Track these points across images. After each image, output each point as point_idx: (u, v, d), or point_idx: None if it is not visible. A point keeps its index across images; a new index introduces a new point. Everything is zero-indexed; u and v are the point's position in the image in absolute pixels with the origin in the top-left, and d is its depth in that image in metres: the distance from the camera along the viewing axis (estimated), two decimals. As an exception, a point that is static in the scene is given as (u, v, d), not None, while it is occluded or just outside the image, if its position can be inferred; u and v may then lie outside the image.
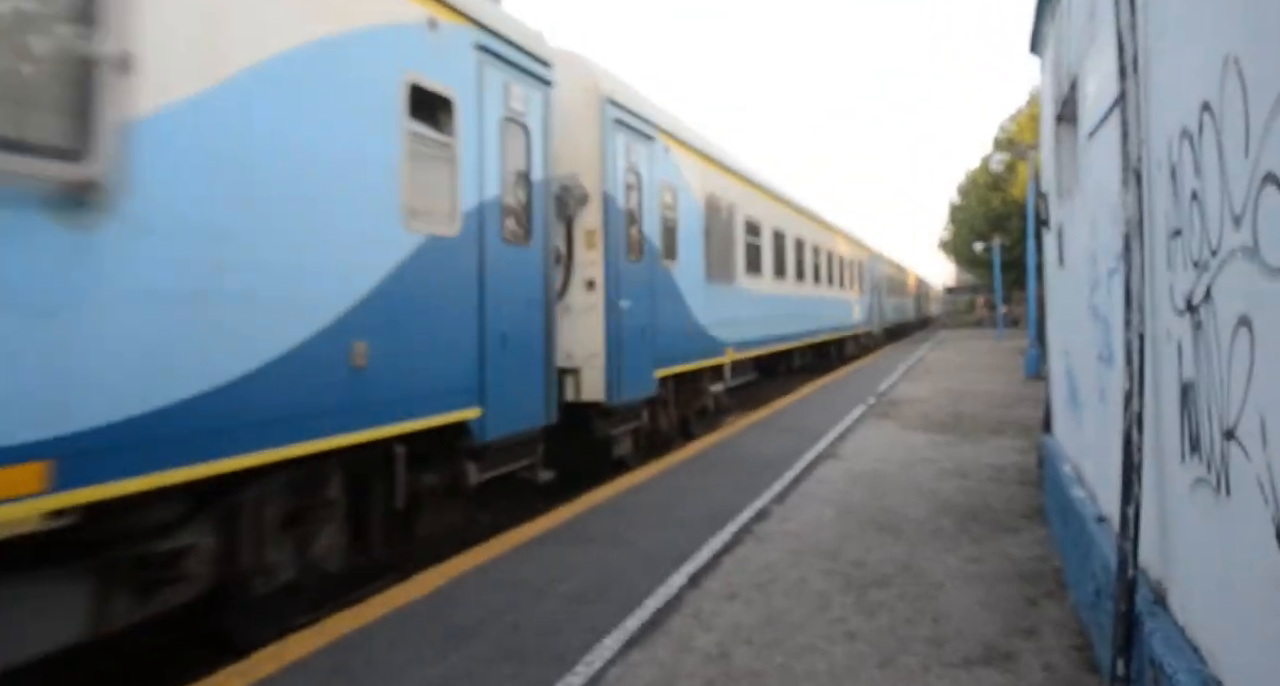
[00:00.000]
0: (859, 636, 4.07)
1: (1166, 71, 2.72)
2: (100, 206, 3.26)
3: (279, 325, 4.15)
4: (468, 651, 3.97)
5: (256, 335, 4.00)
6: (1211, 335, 2.26)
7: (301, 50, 4.31)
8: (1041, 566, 5.07)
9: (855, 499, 6.96)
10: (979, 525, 6.05)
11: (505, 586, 4.89)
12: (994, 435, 10.31)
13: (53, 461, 3.07)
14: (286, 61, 4.21)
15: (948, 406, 13.28)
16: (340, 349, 4.52)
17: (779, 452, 9.23)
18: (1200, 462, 2.39)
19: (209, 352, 3.73)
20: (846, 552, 5.44)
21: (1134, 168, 2.92)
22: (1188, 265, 2.48)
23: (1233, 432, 2.10)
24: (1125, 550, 2.85)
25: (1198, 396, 2.40)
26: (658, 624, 4.29)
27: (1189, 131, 2.43)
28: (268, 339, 4.07)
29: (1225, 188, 2.12)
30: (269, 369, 4.03)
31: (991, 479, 7.67)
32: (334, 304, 4.50)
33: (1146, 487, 2.90)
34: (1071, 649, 3.86)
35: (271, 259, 4.10)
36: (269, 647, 4.08)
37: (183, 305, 3.62)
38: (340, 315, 4.51)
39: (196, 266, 3.70)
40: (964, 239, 47.14)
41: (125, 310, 3.36)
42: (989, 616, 4.29)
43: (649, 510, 6.70)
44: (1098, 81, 3.97)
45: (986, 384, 17.13)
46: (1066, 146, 5.62)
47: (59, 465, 3.09)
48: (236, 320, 3.89)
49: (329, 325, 4.43)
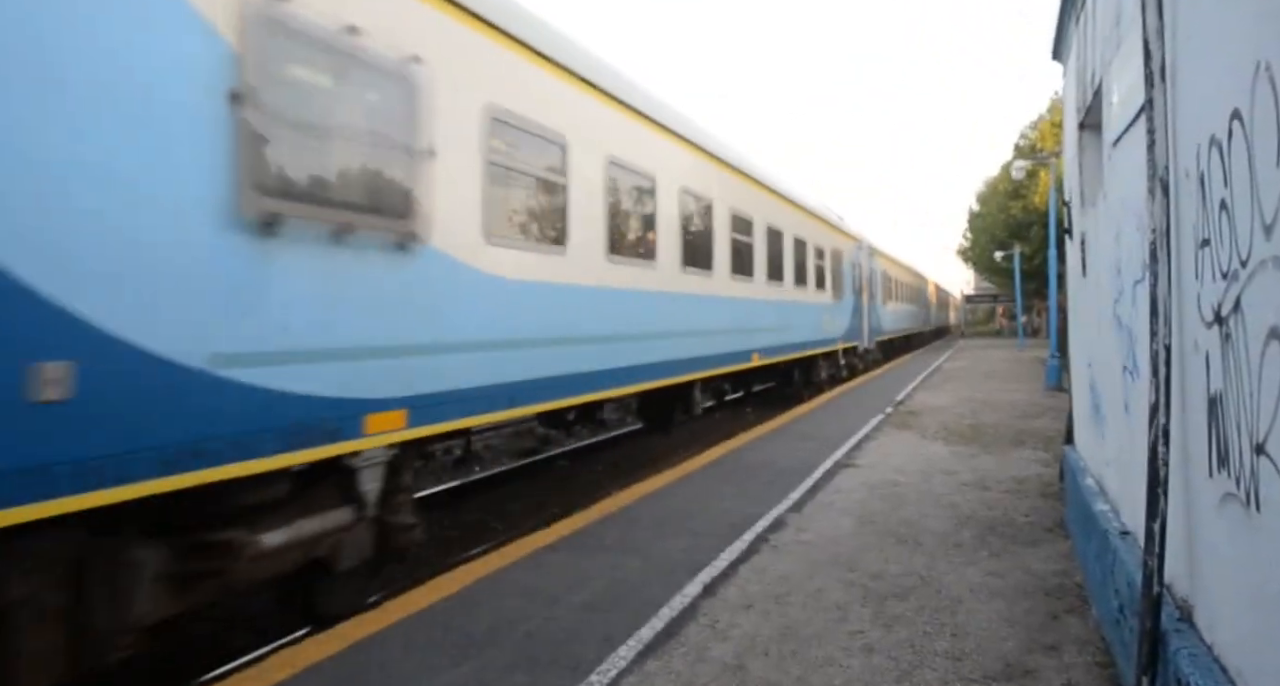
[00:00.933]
0: (877, 649, 4.01)
1: (1195, 78, 2.67)
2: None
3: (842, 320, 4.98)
4: (481, 659, 3.96)
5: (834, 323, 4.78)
6: (1241, 347, 2.21)
7: (852, 256, 6.58)
8: (1063, 581, 4.98)
9: (873, 509, 6.89)
10: (999, 538, 5.96)
11: (519, 593, 4.88)
12: (1015, 446, 10.19)
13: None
14: (854, 262, 6.80)
15: (968, 417, 13.15)
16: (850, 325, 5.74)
17: (795, 461, 9.16)
18: (1229, 477, 2.33)
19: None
20: (864, 564, 5.38)
21: (1161, 176, 2.87)
22: (1216, 276, 2.43)
23: (1263, 447, 2.05)
24: (1150, 566, 2.79)
25: (1226, 409, 2.35)
26: (673, 633, 4.26)
27: (1218, 139, 2.38)
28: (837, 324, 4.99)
29: (1256, 197, 2.08)
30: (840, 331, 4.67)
31: (1012, 491, 7.57)
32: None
33: (1172, 502, 2.84)
34: (1094, 665, 3.79)
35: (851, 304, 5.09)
36: (284, 651, 4.09)
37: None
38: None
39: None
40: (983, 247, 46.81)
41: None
42: (1009, 631, 4.22)
43: (663, 518, 6.67)
44: (1123, 88, 3.92)
45: (1007, 394, 16.96)
46: (1090, 154, 5.55)
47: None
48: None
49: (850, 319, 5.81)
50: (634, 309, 8.16)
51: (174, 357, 3.48)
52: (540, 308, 6.41)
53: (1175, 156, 2.88)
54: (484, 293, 5.70)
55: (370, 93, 4.69)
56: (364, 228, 4.52)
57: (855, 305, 21.06)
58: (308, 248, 4.17)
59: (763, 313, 12.80)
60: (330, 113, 4.37)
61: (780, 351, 13.73)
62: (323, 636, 4.27)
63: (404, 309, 4.87)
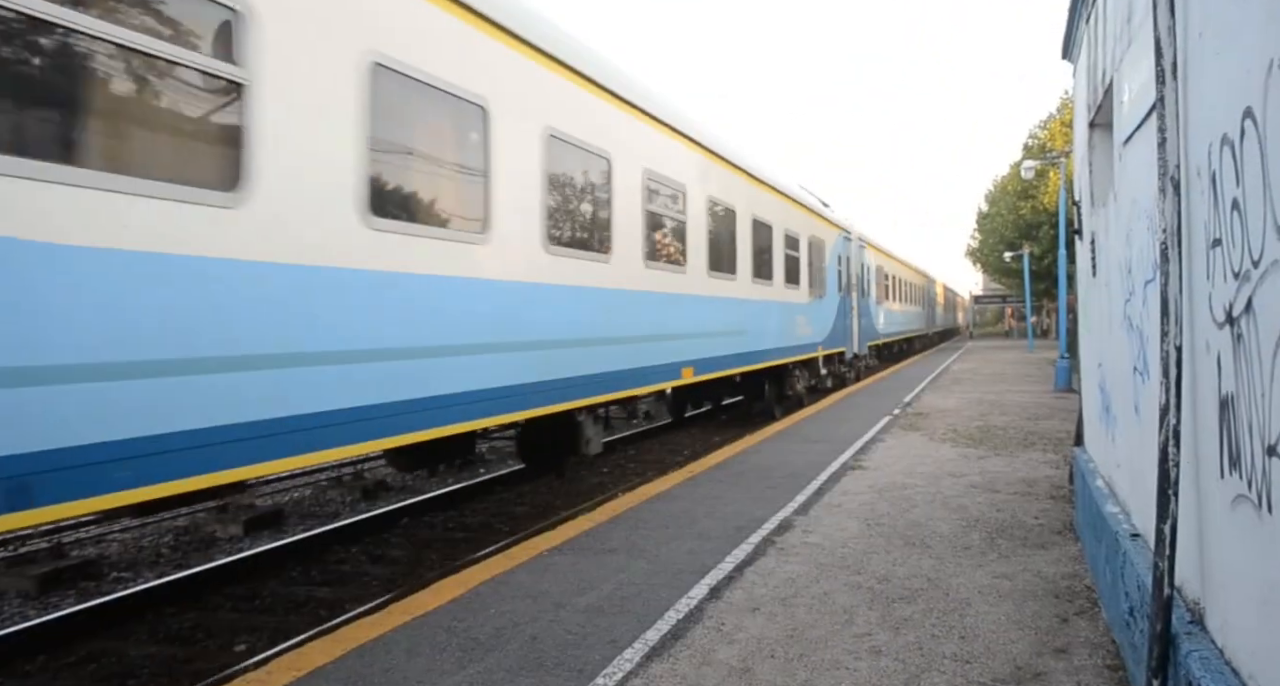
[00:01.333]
0: (885, 652, 3.98)
1: (1207, 76, 2.64)
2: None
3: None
4: (487, 662, 3.94)
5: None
6: (1253, 347, 2.18)
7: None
8: (1073, 583, 4.94)
9: (881, 512, 6.85)
10: (1008, 540, 5.92)
11: (524, 596, 4.86)
12: (1024, 448, 10.12)
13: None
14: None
15: (976, 418, 13.08)
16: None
17: (802, 463, 9.13)
18: (1240, 479, 2.30)
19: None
20: (872, 566, 5.35)
21: (1172, 175, 2.84)
22: (1228, 276, 2.39)
23: (1275, 448, 2.02)
24: (1161, 568, 2.76)
25: (1238, 410, 2.32)
26: (679, 636, 4.24)
27: (1230, 138, 2.35)
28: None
29: (1268, 196, 2.05)
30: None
31: (1021, 493, 7.52)
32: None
33: (1183, 504, 2.81)
34: (1105, 669, 3.75)
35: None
36: (286, 655, 4.08)
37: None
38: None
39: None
40: (992, 247, 46.66)
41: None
42: (1019, 634, 4.19)
43: (669, 520, 6.65)
44: (1134, 87, 3.88)
45: (1016, 395, 16.87)
46: (1100, 153, 5.51)
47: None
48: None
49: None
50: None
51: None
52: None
53: (1186, 155, 2.85)
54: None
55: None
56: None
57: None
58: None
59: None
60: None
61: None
62: (326, 639, 4.26)
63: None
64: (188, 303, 3.80)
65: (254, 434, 4.10)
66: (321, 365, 4.52)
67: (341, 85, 4.70)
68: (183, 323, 3.77)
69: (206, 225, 3.89)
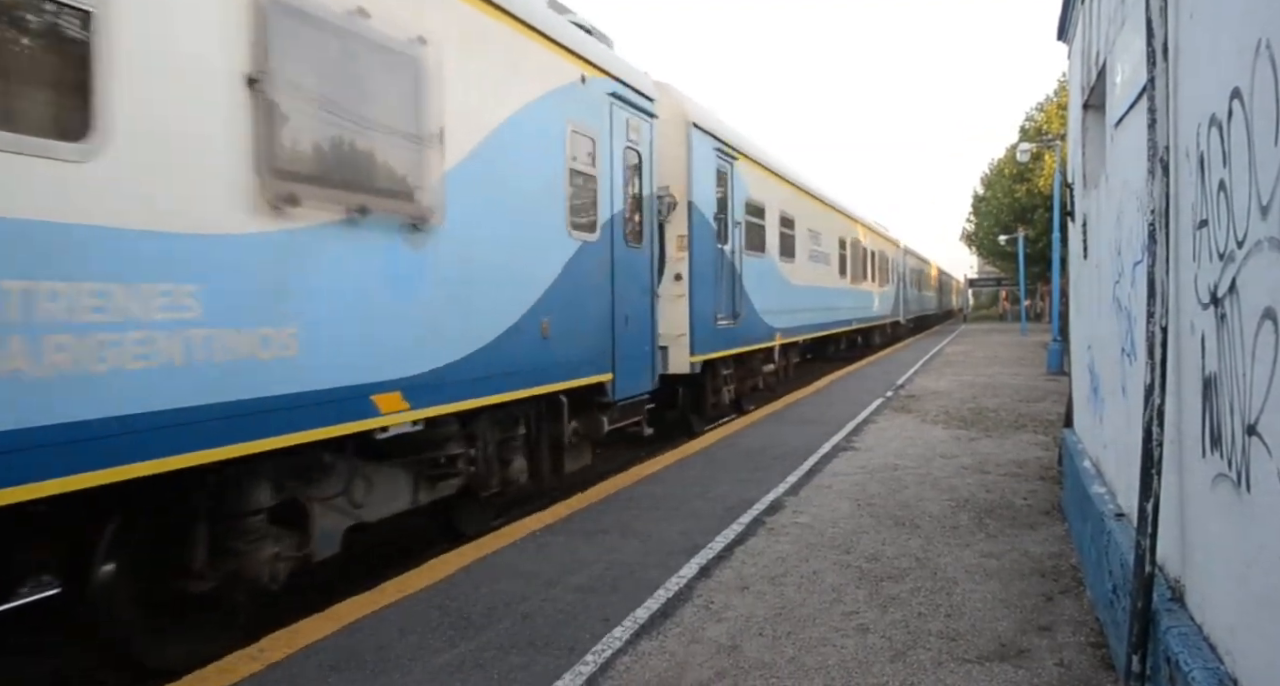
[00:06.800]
0: (872, 630, 4.03)
1: (1196, 57, 2.64)
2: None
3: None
4: (479, 639, 3.98)
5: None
6: (1235, 328, 2.20)
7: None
8: (1059, 562, 5.00)
9: (871, 492, 6.90)
10: (997, 521, 5.98)
11: (517, 575, 4.90)
12: (1015, 430, 10.19)
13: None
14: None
15: (968, 400, 13.14)
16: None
17: (794, 444, 9.17)
18: (1221, 458, 2.33)
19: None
20: (861, 546, 5.40)
21: (1161, 156, 2.85)
22: (1213, 256, 2.41)
23: (1254, 428, 2.04)
24: (1143, 546, 2.79)
25: (1220, 391, 2.34)
26: (669, 614, 4.28)
27: (1218, 119, 2.36)
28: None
29: (1254, 177, 2.06)
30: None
31: (1011, 474, 7.58)
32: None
33: (1166, 483, 2.84)
34: (1088, 645, 3.80)
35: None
36: (280, 631, 4.11)
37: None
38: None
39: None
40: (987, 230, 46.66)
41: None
42: (1004, 612, 4.24)
43: (661, 501, 6.69)
44: (1126, 68, 3.88)
45: (1008, 378, 16.95)
46: (1093, 135, 5.51)
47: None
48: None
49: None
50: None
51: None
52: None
53: (1176, 136, 2.85)
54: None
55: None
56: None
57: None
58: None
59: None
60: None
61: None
62: (319, 617, 4.29)
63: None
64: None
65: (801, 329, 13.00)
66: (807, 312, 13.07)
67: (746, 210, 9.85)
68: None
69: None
